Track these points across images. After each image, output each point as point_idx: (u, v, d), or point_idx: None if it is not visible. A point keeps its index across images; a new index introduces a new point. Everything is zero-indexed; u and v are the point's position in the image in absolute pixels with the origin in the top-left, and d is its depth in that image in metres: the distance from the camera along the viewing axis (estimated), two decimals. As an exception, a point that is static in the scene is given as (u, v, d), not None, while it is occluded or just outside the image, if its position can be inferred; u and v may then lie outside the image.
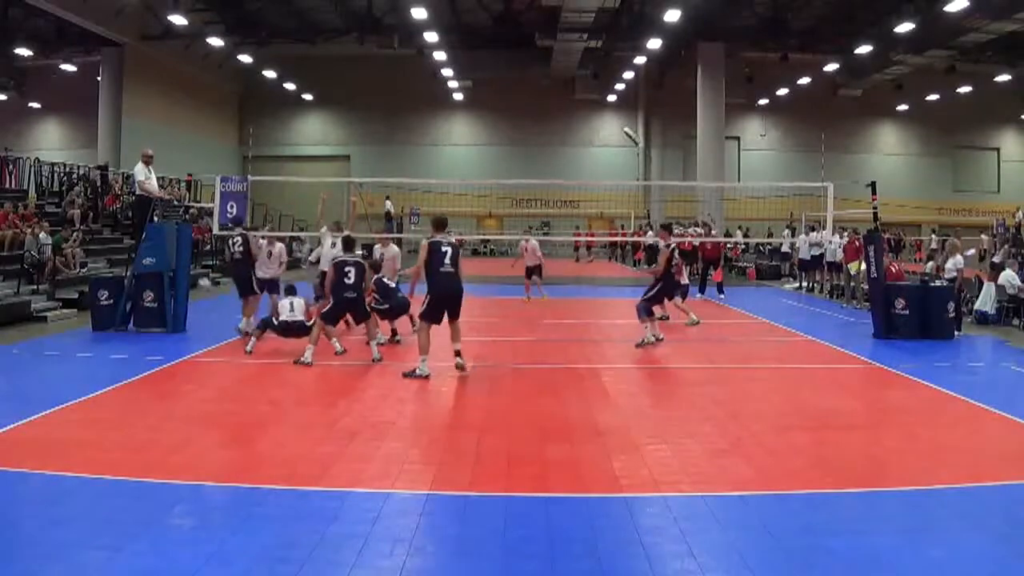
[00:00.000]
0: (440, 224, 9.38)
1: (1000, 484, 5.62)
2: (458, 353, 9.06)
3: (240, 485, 5.40)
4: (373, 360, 9.89)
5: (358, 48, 32.48)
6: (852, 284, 17.46)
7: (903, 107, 39.38)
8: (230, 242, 12.91)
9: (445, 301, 8.97)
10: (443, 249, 8.95)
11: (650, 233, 24.15)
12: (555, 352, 11.09)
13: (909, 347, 11.59)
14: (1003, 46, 29.84)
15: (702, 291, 18.20)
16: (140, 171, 13.16)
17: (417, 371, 8.86)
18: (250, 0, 30.32)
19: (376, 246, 12.30)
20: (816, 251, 19.84)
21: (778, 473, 5.87)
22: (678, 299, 13.54)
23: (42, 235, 16.00)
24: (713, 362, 10.64)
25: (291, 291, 11.22)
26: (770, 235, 31.93)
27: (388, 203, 31.14)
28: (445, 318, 9.08)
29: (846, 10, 28.94)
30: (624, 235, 32.81)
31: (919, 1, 25.39)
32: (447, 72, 35.20)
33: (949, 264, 13.88)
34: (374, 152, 38.93)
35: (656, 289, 11.34)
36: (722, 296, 18.00)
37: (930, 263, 18.73)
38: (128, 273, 12.64)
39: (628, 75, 36.54)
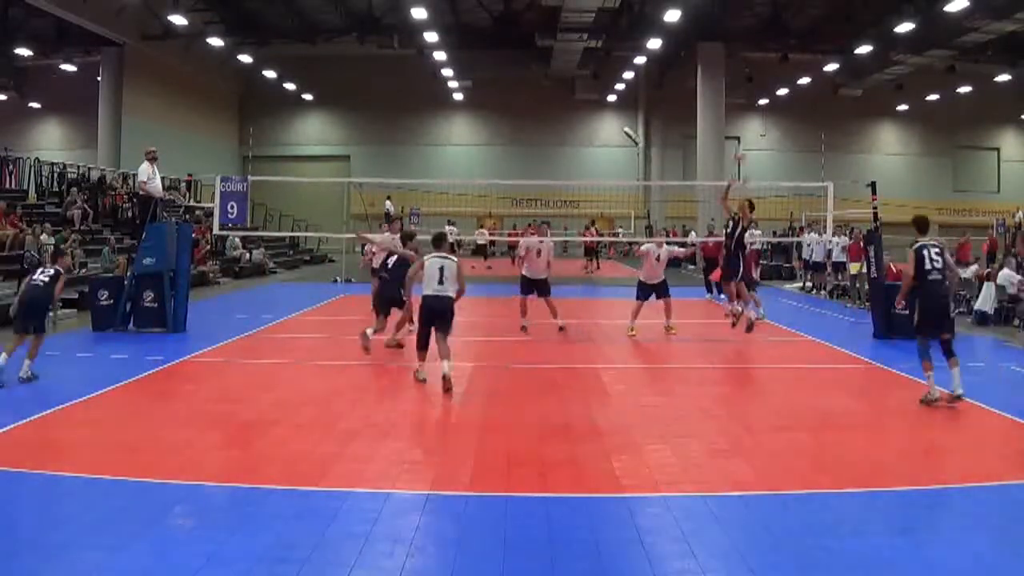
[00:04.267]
0: (922, 225, 8.13)
1: (1000, 484, 5.62)
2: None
3: (240, 485, 5.40)
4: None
5: (358, 48, 32.46)
6: (857, 285, 17.44)
7: (903, 107, 39.34)
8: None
9: (936, 311, 8.02)
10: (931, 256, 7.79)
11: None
12: (555, 352, 11.08)
13: (909, 347, 11.51)
14: (1003, 46, 29.79)
15: (709, 291, 18.12)
16: (144, 170, 13.15)
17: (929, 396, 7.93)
18: (250, 0, 30.32)
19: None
20: (809, 252, 20.10)
21: (778, 473, 5.88)
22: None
23: (43, 236, 15.99)
24: (713, 362, 10.64)
25: None
26: (775, 234, 31.72)
27: (388, 203, 31.15)
28: None
29: (846, 10, 28.89)
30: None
31: (919, 1, 25.37)
32: (447, 72, 35.18)
33: (1002, 277, 13.78)
34: (374, 152, 38.90)
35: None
36: (723, 296, 17.94)
37: None
38: (129, 272, 12.65)
39: (628, 75, 36.50)
